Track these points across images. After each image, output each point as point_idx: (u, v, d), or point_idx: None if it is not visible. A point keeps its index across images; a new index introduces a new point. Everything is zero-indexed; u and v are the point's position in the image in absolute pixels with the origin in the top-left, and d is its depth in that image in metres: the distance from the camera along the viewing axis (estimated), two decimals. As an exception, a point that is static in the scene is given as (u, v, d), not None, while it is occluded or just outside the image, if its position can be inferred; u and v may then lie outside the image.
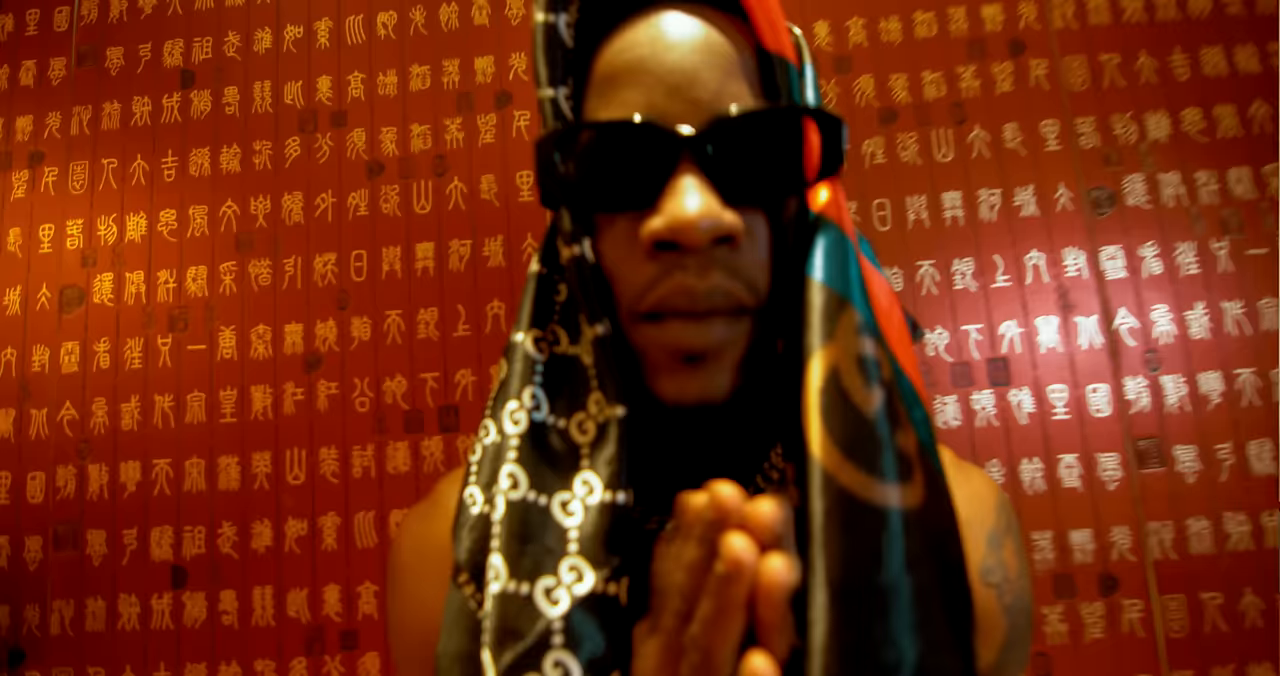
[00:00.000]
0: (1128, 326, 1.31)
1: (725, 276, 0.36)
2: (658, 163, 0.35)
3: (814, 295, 0.37)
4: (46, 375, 1.40)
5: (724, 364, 0.38)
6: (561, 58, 0.39)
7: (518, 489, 0.38)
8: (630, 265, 0.37)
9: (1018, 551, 0.55)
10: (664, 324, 0.37)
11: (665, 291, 0.36)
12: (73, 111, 1.49)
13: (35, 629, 1.32)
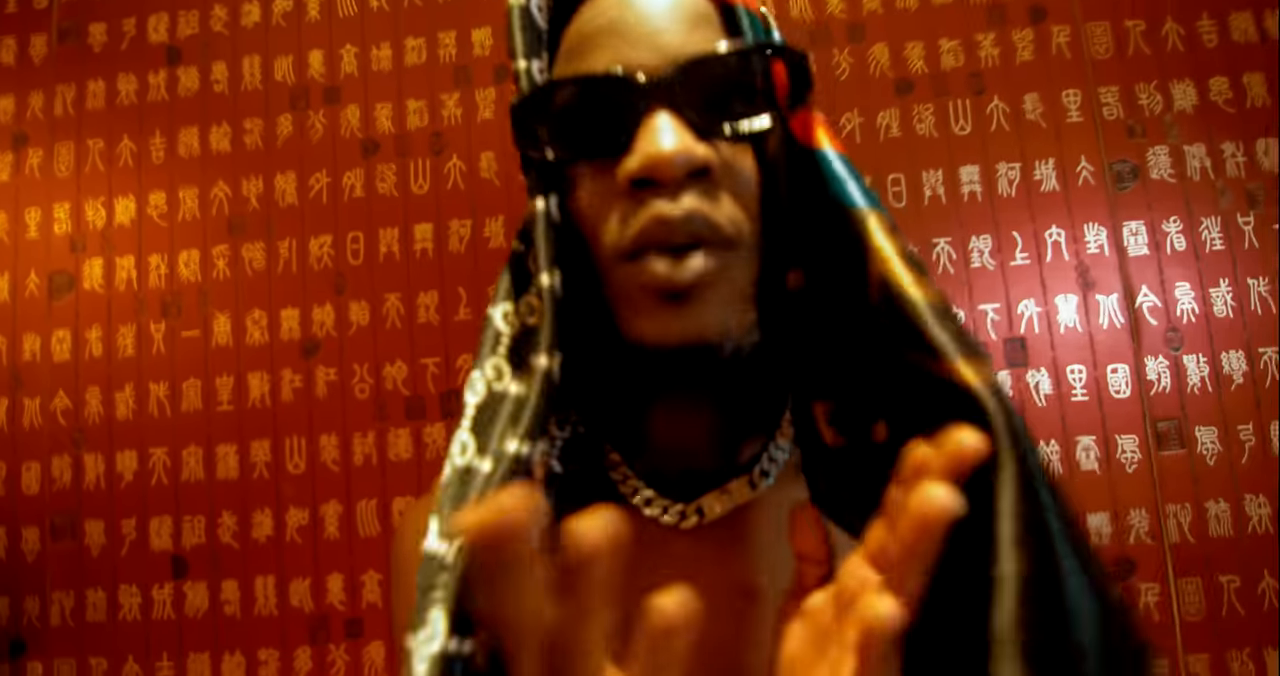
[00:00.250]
0: (1149, 304, 1.27)
1: (703, 203, 0.36)
2: (629, 109, 0.36)
3: (865, 220, 0.37)
4: (38, 363, 1.37)
5: (709, 301, 0.37)
6: (534, 36, 0.41)
7: (465, 455, 0.37)
8: (609, 211, 0.38)
9: None
10: (643, 259, 0.37)
11: (642, 223, 0.36)
12: (56, 90, 1.43)
13: (35, 620, 1.30)
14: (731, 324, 0.38)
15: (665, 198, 0.36)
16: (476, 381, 0.39)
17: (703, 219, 0.36)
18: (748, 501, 0.44)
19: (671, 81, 0.36)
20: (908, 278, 0.35)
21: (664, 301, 0.37)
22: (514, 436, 0.35)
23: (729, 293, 0.38)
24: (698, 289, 0.37)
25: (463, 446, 0.37)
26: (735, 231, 0.38)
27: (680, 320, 0.37)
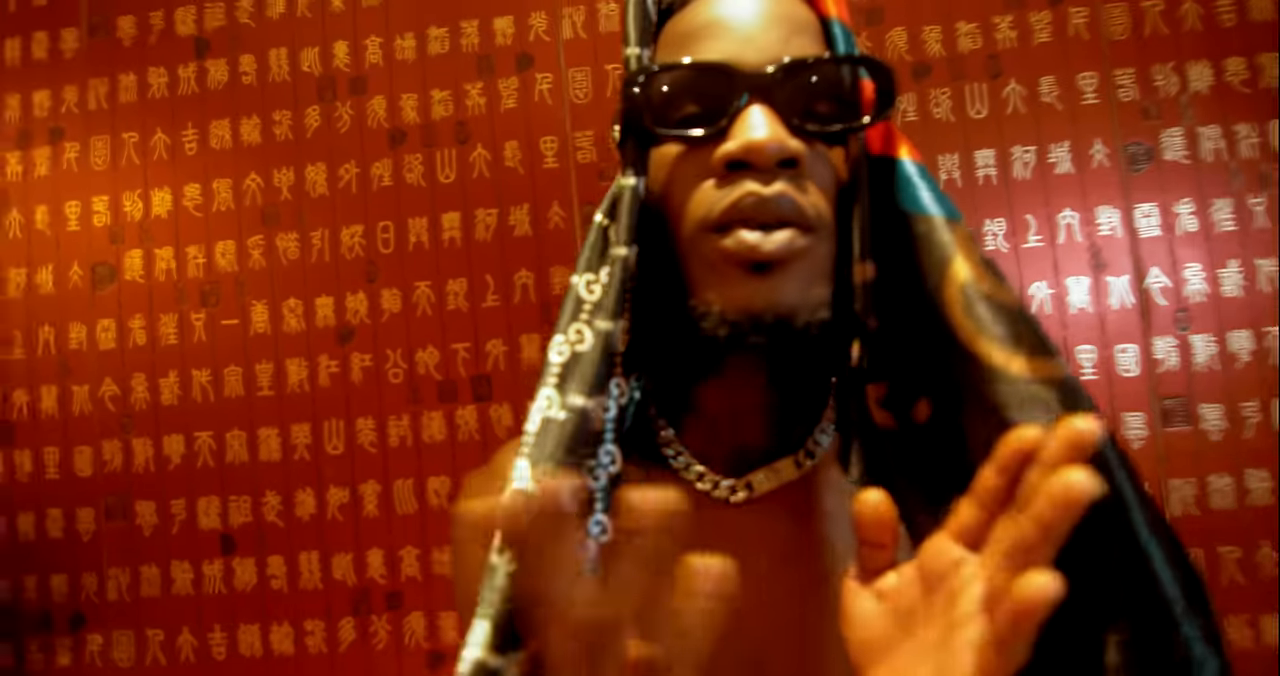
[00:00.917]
0: (1159, 286, 1.28)
1: (791, 189, 0.39)
2: (730, 98, 0.39)
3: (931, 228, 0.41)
4: (85, 352, 1.40)
5: (790, 275, 0.40)
6: (646, 25, 0.44)
7: (550, 408, 0.41)
8: (703, 191, 0.41)
9: None
10: (732, 231, 0.40)
11: (734, 198, 0.39)
12: (89, 84, 1.45)
13: (93, 595, 1.35)
14: (808, 300, 0.41)
15: (758, 180, 0.39)
16: (560, 343, 0.42)
17: (790, 202, 0.39)
18: (793, 480, 0.47)
19: (771, 78, 0.39)
20: (989, 283, 0.39)
21: (749, 272, 0.40)
22: (578, 391, 0.39)
23: (808, 271, 0.41)
24: (781, 263, 0.40)
25: (549, 400, 0.41)
26: (817, 218, 0.41)
27: (764, 290, 0.40)
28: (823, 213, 0.41)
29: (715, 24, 0.42)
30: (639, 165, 0.42)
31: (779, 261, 0.40)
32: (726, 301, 0.41)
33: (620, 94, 0.42)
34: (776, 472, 0.47)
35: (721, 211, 0.40)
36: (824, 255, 0.42)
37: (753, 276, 0.40)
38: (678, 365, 0.47)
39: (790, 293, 0.40)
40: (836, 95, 0.41)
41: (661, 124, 0.41)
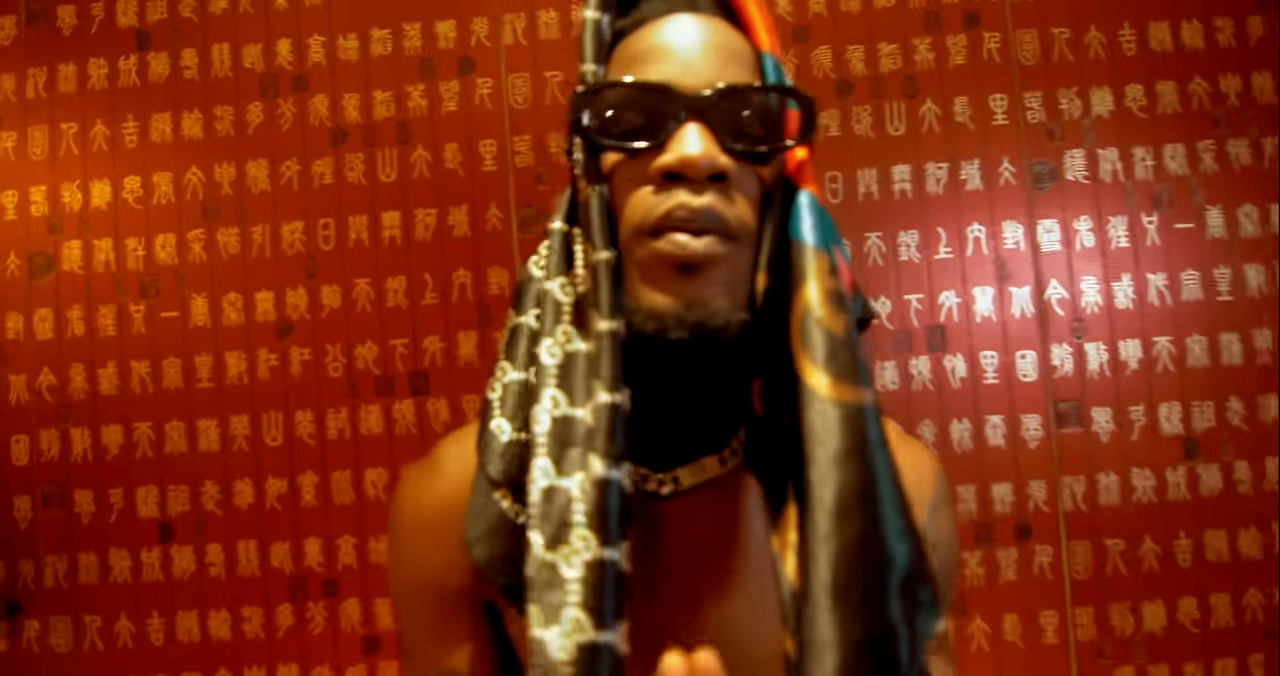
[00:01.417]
0: (1058, 297, 1.36)
1: (718, 202, 0.44)
2: (670, 115, 0.44)
3: (800, 254, 0.46)
4: (22, 342, 1.39)
5: (714, 277, 0.44)
6: (600, 45, 0.48)
7: (559, 407, 0.46)
8: (639, 196, 0.45)
9: (950, 518, 0.62)
10: (665, 235, 0.43)
11: (669, 206, 0.43)
12: (27, 73, 1.43)
13: (30, 582, 1.36)
14: (727, 302, 0.45)
15: (690, 191, 0.43)
16: (552, 346, 0.47)
17: (716, 214, 0.43)
18: (719, 475, 0.51)
19: (706, 100, 0.43)
20: (825, 310, 0.44)
21: (677, 272, 0.44)
22: (602, 387, 0.44)
23: (729, 275, 0.45)
24: (707, 265, 0.43)
25: (554, 400, 0.46)
26: (740, 228, 0.45)
27: (689, 289, 0.44)
28: (746, 224, 0.45)
29: (659, 49, 0.46)
30: (599, 174, 0.46)
31: (703, 264, 0.43)
32: (656, 298, 0.44)
33: (569, 107, 0.46)
34: (702, 469, 0.51)
35: (656, 218, 0.43)
36: (744, 263, 0.46)
37: (680, 276, 0.44)
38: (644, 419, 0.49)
39: (712, 294, 0.44)
40: (764, 120, 0.45)
41: (606, 136, 0.45)
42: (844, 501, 0.42)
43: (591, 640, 0.42)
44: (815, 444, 0.43)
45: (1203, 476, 1.33)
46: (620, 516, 0.44)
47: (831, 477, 0.42)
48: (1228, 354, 1.34)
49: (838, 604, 0.41)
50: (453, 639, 0.57)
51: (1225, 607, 1.32)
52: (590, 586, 0.42)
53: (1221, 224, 1.36)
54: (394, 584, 0.60)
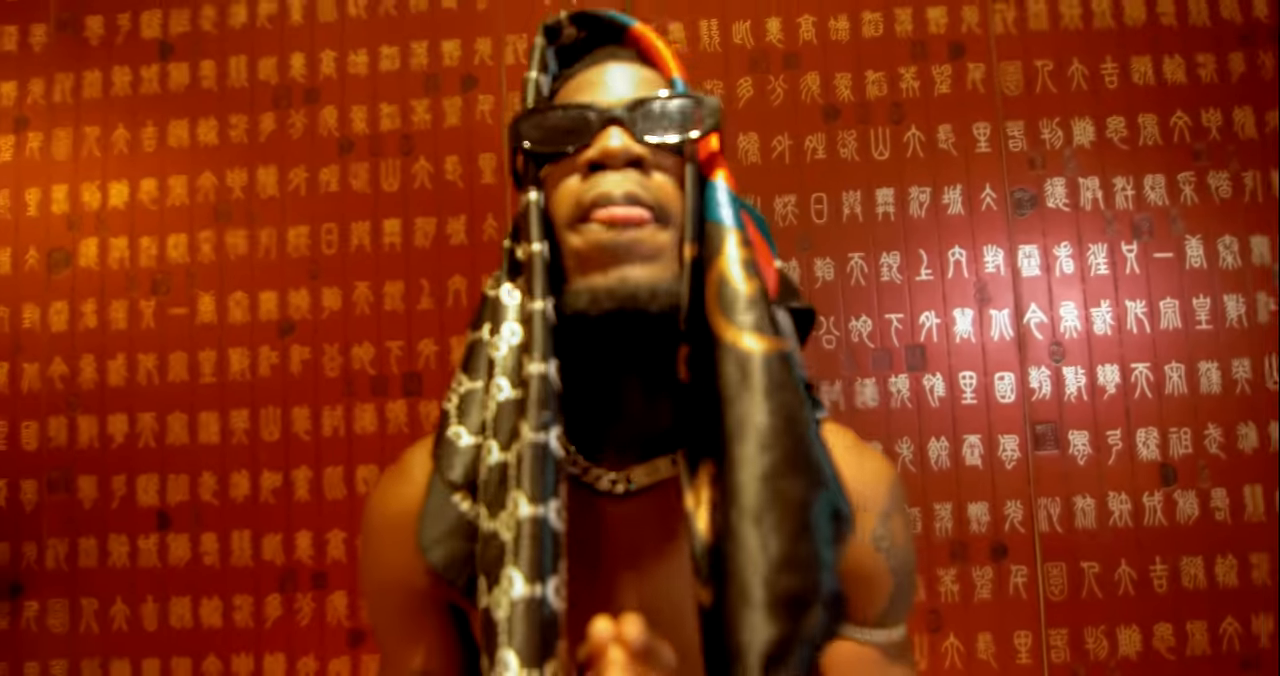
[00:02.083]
0: (1037, 321, 1.36)
1: (637, 187, 0.50)
2: (593, 123, 0.51)
3: (717, 232, 0.52)
4: (38, 332, 1.43)
5: (639, 252, 0.50)
6: (538, 97, 0.56)
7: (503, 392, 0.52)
8: (567, 186, 0.51)
9: (905, 524, 0.63)
10: (590, 220, 0.49)
11: (594, 194, 0.49)
12: (55, 78, 1.48)
13: (33, 564, 1.39)
14: (654, 276, 0.50)
15: (612, 179, 0.49)
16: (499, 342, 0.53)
17: (636, 194, 0.49)
18: (671, 477, 0.54)
19: (621, 109, 0.51)
20: (739, 275, 0.50)
21: (605, 252, 0.49)
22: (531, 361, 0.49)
23: (655, 250, 0.50)
24: (631, 247, 0.49)
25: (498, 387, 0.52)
26: (659, 207, 0.51)
27: (618, 267, 0.49)
28: (664, 204, 0.51)
29: (585, 83, 0.54)
30: (537, 181, 0.53)
31: (629, 243, 0.49)
32: (589, 279, 0.49)
33: (510, 133, 0.54)
34: (655, 469, 0.54)
35: (585, 202, 0.49)
36: (667, 241, 0.51)
37: (609, 256, 0.49)
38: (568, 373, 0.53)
39: (639, 270, 0.49)
40: (672, 119, 0.52)
41: (544, 145, 0.53)
42: (765, 433, 0.47)
43: (526, 595, 0.44)
44: (735, 389, 0.48)
45: (1180, 503, 1.32)
46: (548, 475, 0.47)
47: (753, 413, 0.47)
48: (1206, 382, 1.34)
49: (756, 527, 0.45)
50: (420, 638, 0.58)
51: (1201, 635, 1.30)
52: (523, 543, 0.45)
53: (1201, 254, 1.36)
54: (364, 584, 0.62)
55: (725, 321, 0.50)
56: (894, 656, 0.62)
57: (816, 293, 1.38)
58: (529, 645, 0.43)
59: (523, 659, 0.42)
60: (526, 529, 0.45)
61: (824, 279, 1.38)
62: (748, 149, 1.42)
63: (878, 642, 0.60)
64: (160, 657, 1.36)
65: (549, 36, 0.58)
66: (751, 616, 0.44)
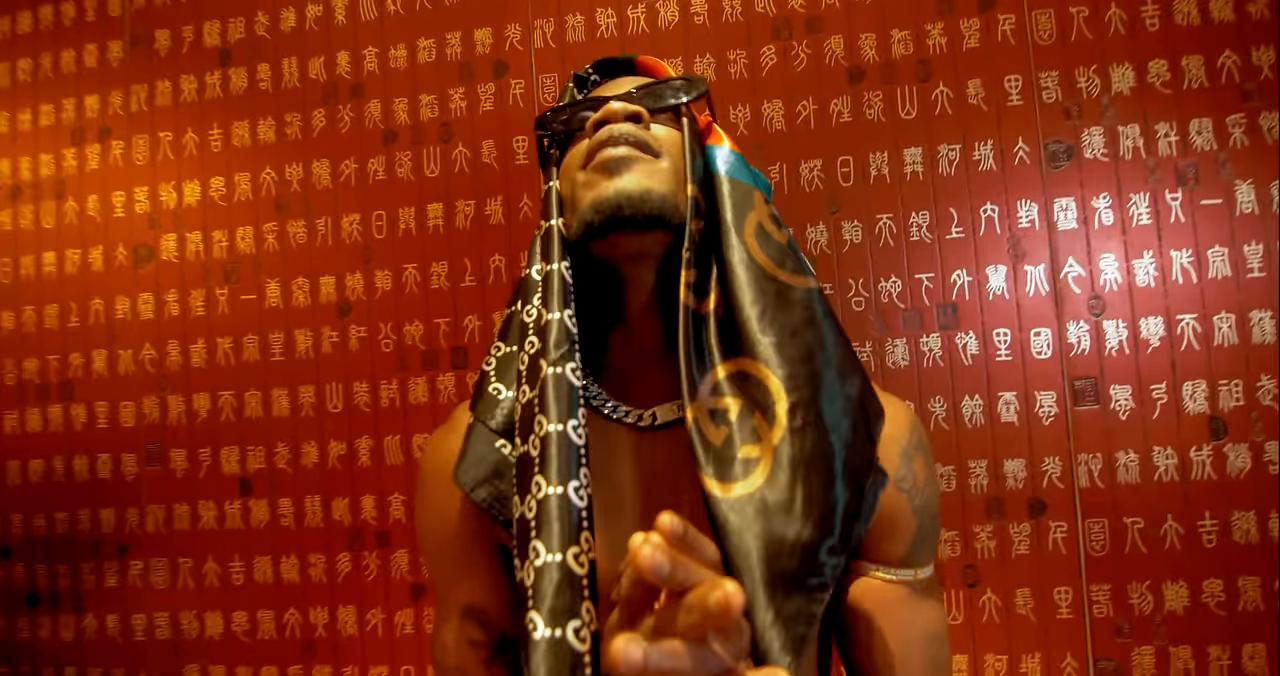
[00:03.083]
0: (1074, 275, 1.30)
1: (633, 132, 0.56)
2: (601, 105, 0.60)
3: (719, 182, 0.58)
4: (129, 321, 1.55)
5: (635, 169, 0.55)
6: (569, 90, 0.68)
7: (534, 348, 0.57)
8: (579, 147, 0.58)
9: (926, 464, 0.64)
10: (595, 157, 0.56)
11: (597, 140, 0.56)
12: (131, 90, 1.58)
13: (135, 528, 1.51)
14: (651, 188, 0.55)
15: (613, 126, 0.57)
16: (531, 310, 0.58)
17: (634, 134, 0.56)
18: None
19: (626, 93, 0.60)
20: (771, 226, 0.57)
21: (607, 173, 0.55)
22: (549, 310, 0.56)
23: (648, 172, 0.56)
24: (627, 162, 0.55)
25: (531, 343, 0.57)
26: (657, 146, 0.57)
27: (616, 180, 0.55)
28: (662, 146, 0.58)
29: (602, 90, 0.64)
30: (552, 168, 0.62)
31: (624, 161, 0.55)
32: (593, 195, 0.55)
33: (536, 126, 0.63)
34: (675, 409, 0.58)
35: (589, 148, 0.56)
36: (665, 169, 0.57)
37: (608, 176, 0.55)
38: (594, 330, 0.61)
39: (634, 181, 0.55)
40: (667, 94, 0.61)
41: (563, 127, 0.62)
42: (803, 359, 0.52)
43: (549, 493, 0.48)
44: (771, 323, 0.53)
45: (1230, 456, 1.25)
46: (564, 401, 0.52)
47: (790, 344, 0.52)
48: (1259, 332, 1.26)
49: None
50: (470, 576, 0.62)
51: (1254, 591, 1.24)
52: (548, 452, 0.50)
53: (1253, 199, 1.27)
54: (419, 530, 0.66)
55: (765, 258, 0.56)
56: (922, 594, 0.63)
57: (845, 256, 1.36)
58: (556, 534, 0.47)
59: (549, 545, 0.46)
60: (551, 441, 0.50)
61: (852, 241, 1.36)
62: (772, 116, 1.40)
63: (905, 581, 0.61)
64: (248, 610, 1.47)
65: (578, 83, 0.67)
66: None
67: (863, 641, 0.61)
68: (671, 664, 0.36)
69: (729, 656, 0.39)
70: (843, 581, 0.63)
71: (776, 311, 0.53)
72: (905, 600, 0.61)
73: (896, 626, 0.60)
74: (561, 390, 0.52)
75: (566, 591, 0.46)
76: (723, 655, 0.39)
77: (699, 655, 0.38)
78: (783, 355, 0.52)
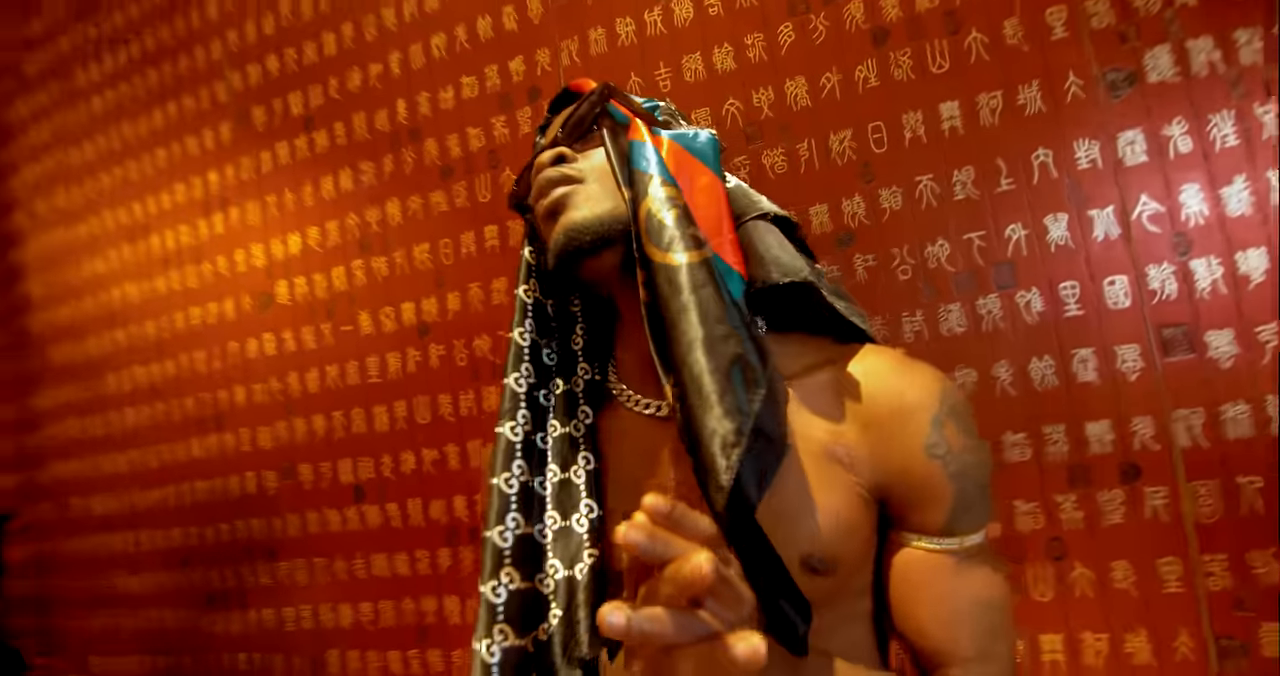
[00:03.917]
0: (1149, 213, 1.16)
1: (560, 171, 0.64)
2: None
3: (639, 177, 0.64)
4: (258, 359, 1.79)
5: (569, 204, 0.64)
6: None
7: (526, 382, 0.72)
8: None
9: (962, 431, 0.63)
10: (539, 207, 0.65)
11: (536, 190, 0.65)
12: (240, 163, 1.82)
13: (280, 534, 1.73)
14: (585, 213, 0.63)
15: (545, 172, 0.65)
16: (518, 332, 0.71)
17: (560, 174, 0.64)
18: None
19: (555, 137, 0.68)
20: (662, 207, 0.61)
21: (550, 221, 0.64)
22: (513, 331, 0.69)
23: (583, 198, 0.64)
24: (560, 202, 0.63)
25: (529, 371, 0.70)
26: (585, 174, 0.65)
27: (559, 220, 0.63)
28: (590, 171, 0.65)
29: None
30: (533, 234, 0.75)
31: (558, 203, 0.63)
32: (550, 245, 0.64)
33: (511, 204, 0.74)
34: None
35: (535, 200, 0.65)
36: (594, 191, 0.64)
37: (552, 221, 0.64)
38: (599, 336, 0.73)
39: (572, 215, 0.63)
40: (587, 118, 0.67)
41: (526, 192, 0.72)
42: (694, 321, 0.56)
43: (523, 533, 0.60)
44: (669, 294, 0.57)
45: (1378, 400, 1.06)
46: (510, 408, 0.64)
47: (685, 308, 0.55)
48: (1399, 252, 1.06)
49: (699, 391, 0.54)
50: None
51: None
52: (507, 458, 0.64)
53: (1372, 98, 1.07)
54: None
55: (654, 247, 0.59)
56: (970, 562, 0.61)
57: (885, 224, 1.30)
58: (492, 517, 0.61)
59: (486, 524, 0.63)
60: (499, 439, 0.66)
61: (891, 208, 1.29)
62: (796, 94, 1.37)
63: (949, 550, 0.61)
64: (371, 601, 1.64)
65: (540, 130, 0.76)
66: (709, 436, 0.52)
67: (910, 611, 0.61)
68: (653, 628, 0.38)
69: (720, 623, 0.40)
70: (885, 552, 0.63)
71: (670, 296, 0.57)
72: (951, 568, 0.60)
73: (943, 595, 0.60)
74: (511, 401, 0.67)
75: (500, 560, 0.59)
76: (710, 621, 0.40)
77: (682, 620, 0.39)
78: (658, 338, 0.58)
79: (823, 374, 0.66)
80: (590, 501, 0.65)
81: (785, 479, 0.60)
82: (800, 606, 0.52)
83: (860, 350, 0.67)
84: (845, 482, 0.61)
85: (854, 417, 0.63)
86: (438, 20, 1.62)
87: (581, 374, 0.70)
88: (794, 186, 1.35)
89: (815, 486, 0.61)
